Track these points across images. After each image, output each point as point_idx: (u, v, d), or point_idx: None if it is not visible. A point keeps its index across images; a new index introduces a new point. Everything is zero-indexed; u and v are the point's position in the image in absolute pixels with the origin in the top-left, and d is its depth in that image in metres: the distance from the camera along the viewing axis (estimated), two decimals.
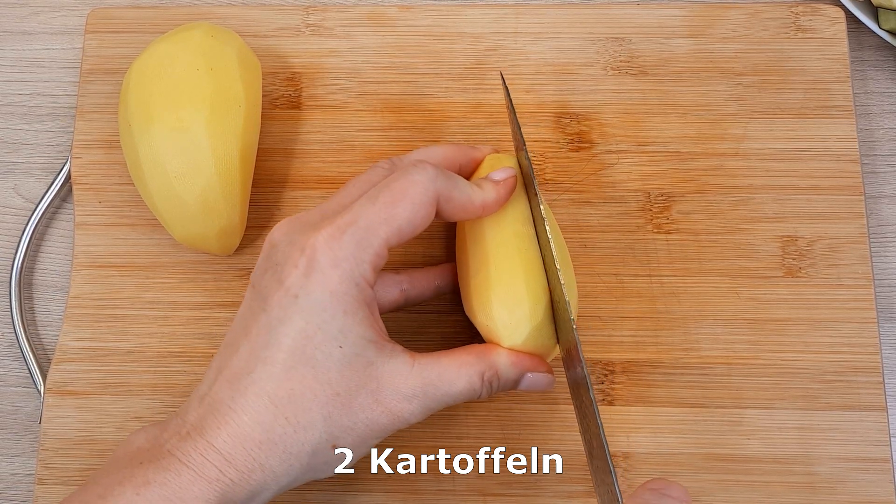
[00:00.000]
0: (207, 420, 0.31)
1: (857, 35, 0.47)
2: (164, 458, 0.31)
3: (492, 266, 0.35)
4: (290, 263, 0.32)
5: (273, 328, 0.31)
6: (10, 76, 0.48)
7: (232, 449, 0.31)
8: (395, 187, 0.32)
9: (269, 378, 0.31)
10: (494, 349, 0.35)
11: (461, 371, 0.33)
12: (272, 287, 0.32)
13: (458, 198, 0.34)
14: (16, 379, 0.44)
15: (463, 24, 0.45)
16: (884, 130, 0.46)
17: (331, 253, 0.31)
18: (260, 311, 0.32)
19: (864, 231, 0.42)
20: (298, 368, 0.31)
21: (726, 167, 0.43)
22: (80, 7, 0.49)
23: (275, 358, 0.31)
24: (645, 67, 0.44)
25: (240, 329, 0.33)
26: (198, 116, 0.39)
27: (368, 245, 0.32)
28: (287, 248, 0.32)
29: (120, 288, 0.43)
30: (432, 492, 0.40)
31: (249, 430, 0.31)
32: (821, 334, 0.41)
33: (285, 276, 0.32)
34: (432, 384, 0.33)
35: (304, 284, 0.31)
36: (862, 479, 0.39)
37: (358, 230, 0.32)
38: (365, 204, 0.32)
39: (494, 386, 0.34)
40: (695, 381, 0.40)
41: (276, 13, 0.46)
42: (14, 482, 0.43)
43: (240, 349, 0.32)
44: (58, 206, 0.46)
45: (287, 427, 0.31)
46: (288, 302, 0.31)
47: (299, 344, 0.31)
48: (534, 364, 0.35)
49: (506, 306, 0.34)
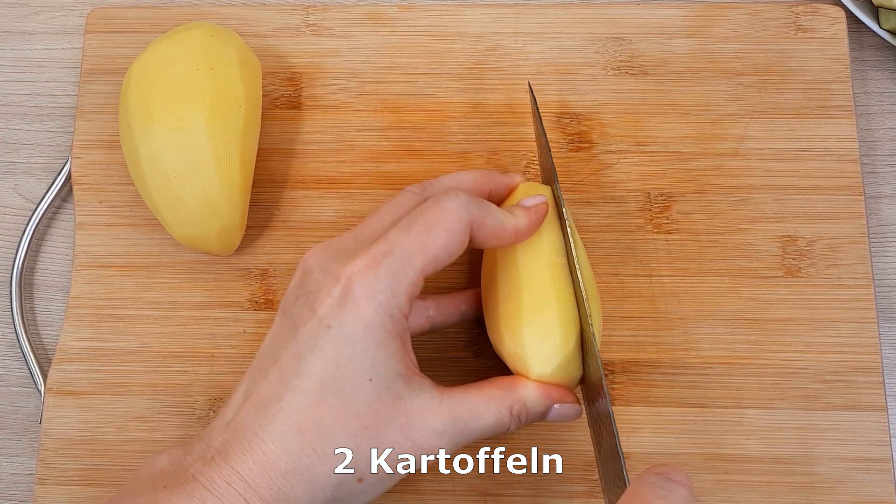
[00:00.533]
0: (233, 446, 0.31)
1: (858, 35, 0.47)
2: (188, 482, 0.30)
3: (524, 294, 0.35)
4: (323, 292, 0.32)
5: (303, 357, 0.31)
6: (10, 76, 0.48)
7: (257, 477, 0.30)
8: (428, 215, 0.32)
9: (297, 407, 0.31)
10: (522, 382, 0.34)
11: (490, 405, 0.33)
12: (304, 315, 0.32)
13: (491, 224, 0.33)
14: (16, 379, 0.44)
15: (463, 24, 0.45)
16: (884, 130, 0.46)
17: (367, 285, 0.31)
18: (290, 339, 0.32)
19: (864, 231, 0.42)
20: (328, 399, 0.31)
21: (726, 167, 0.43)
22: (80, 7, 0.49)
23: (304, 387, 0.31)
24: (645, 67, 0.44)
25: (269, 355, 0.32)
26: (198, 116, 0.39)
27: (405, 275, 0.31)
28: (321, 276, 0.32)
29: (120, 288, 0.43)
30: (432, 492, 0.40)
31: (275, 458, 0.30)
32: (821, 334, 0.41)
33: (318, 304, 0.31)
34: (462, 419, 0.32)
35: (338, 315, 0.31)
36: (862, 479, 0.39)
37: (394, 260, 0.31)
38: (399, 233, 0.32)
39: (523, 419, 0.34)
40: (695, 381, 0.40)
41: (276, 13, 0.46)
42: (14, 482, 0.43)
43: (269, 376, 0.32)
44: (58, 206, 0.46)
45: (314, 458, 0.30)
46: (320, 331, 0.31)
47: (329, 374, 0.31)
48: (561, 396, 0.35)
49: (537, 335, 0.34)
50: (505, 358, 0.36)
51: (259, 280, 0.43)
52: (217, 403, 0.41)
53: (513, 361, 0.35)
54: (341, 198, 0.43)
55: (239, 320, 0.42)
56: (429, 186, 0.36)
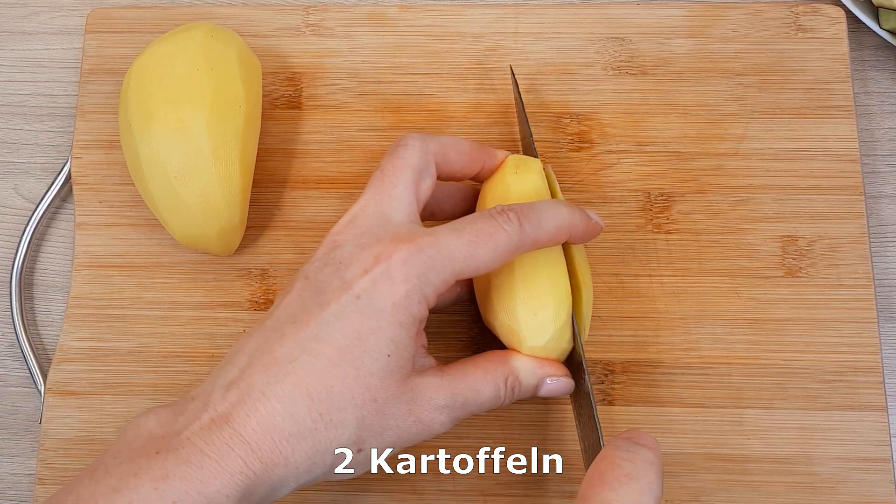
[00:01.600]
0: (237, 406, 0.30)
1: (858, 35, 0.47)
2: (183, 447, 0.29)
3: (516, 267, 0.35)
4: (358, 265, 0.32)
5: (327, 322, 0.31)
6: (10, 76, 0.48)
7: (260, 439, 0.30)
8: (482, 227, 0.33)
9: (311, 370, 0.31)
10: (514, 355, 0.35)
11: (486, 378, 0.34)
12: (332, 283, 0.32)
13: (545, 237, 0.34)
14: (16, 379, 0.44)
15: (463, 24, 0.45)
16: (884, 130, 0.46)
17: (405, 268, 0.32)
18: (313, 304, 0.32)
19: (864, 231, 0.42)
20: (343, 367, 0.31)
21: (726, 167, 0.43)
22: (80, 7, 0.49)
23: (321, 351, 0.31)
24: (645, 67, 0.44)
25: (286, 317, 0.32)
26: (198, 116, 0.39)
27: (441, 271, 0.32)
28: (356, 251, 0.33)
29: (120, 288, 0.43)
30: (432, 492, 0.40)
31: (280, 420, 0.30)
32: (821, 334, 0.41)
33: (351, 276, 0.32)
34: (461, 394, 0.33)
35: (370, 289, 0.31)
36: (862, 479, 0.39)
37: (437, 255, 0.32)
38: (449, 234, 0.32)
39: (516, 391, 0.35)
40: (695, 381, 0.40)
41: (276, 13, 0.46)
42: (14, 482, 0.43)
43: (285, 336, 0.31)
44: (58, 206, 0.46)
45: (319, 423, 0.30)
46: (348, 300, 0.31)
47: (350, 343, 0.31)
48: (553, 369, 0.35)
49: (530, 307, 0.35)
50: (498, 332, 0.36)
51: (259, 280, 0.43)
52: None
53: (506, 335, 0.36)
54: (341, 198, 0.43)
55: (239, 320, 0.42)
56: (428, 140, 0.36)
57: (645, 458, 0.30)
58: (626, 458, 0.30)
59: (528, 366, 0.35)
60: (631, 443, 0.31)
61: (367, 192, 0.35)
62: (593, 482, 0.30)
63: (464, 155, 0.37)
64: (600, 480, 0.30)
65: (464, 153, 0.37)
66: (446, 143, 0.37)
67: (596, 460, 0.31)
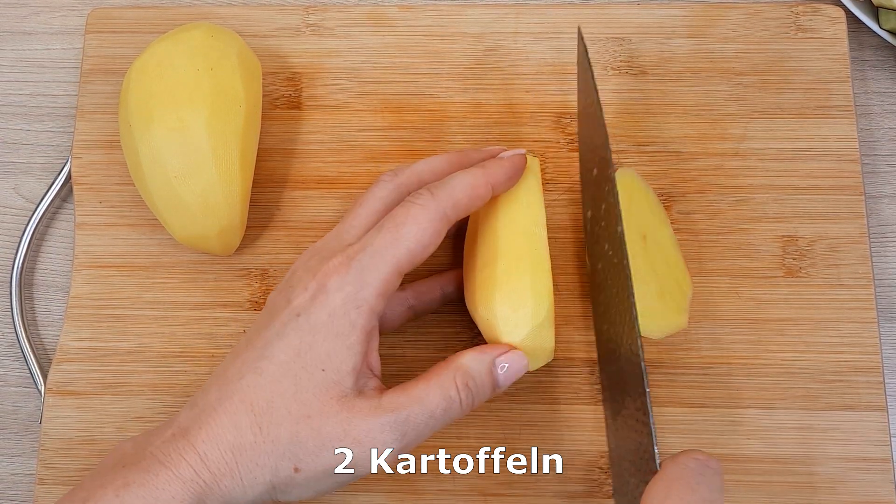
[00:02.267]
0: (193, 422, 0.32)
1: (858, 35, 0.47)
2: (145, 459, 0.32)
3: (499, 262, 0.35)
4: (301, 286, 0.33)
5: (270, 342, 0.33)
6: (10, 76, 0.48)
7: (208, 450, 0.32)
8: (398, 214, 0.33)
9: (255, 386, 0.32)
10: (459, 353, 0.34)
11: (431, 385, 0.33)
12: (280, 305, 0.34)
13: (464, 197, 0.34)
14: (16, 379, 0.44)
15: (463, 24, 0.45)
16: (884, 130, 0.46)
17: (337, 277, 0.33)
18: (264, 327, 0.34)
19: (864, 231, 0.42)
20: (283, 382, 0.32)
21: (726, 167, 0.43)
22: (80, 7, 0.49)
23: (264, 369, 0.32)
24: (645, 67, 0.44)
25: (244, 342, 0.34)
26: (198, 116, 0.39)
27: (375, 269, 0.33)
28: (302, 274, 0.34)
29: (120, 288, 0.43)
30: (432, 492, 0.40)
31: (225, 431, 0.32)
32: (821, 334, 0.41)
33: (294, 296, 0.33)
34: (404, 409, 0.32)
35: (308, 305, 0.33)
36: (862, 479, 0.39)
37: (365, 256, 0.33)
38: (373, 233, 0.34)
39: (472, 387, 0.33)
40: (695, 381, 0.40)
41: (276, 13, 0.46)
42: (14, 482, 0.43)
43: (237, 358, 0.34)
44: (58, 206, 0.46)
45: (258, 436, 0.32)
46: (289, 319, 0.33)
47: (289, 359, 0.32)
48: (499, 349, 0.34)
49: (509, 303, 0.35)
50: (479, 325, 0.36)
51: (259, 280, 0.43)
52: None
53: (485, 329, 0.36)
54: (341, 198, 0.43)
55: (239, 320, 0.42)
56: (400, 171, 0.37)
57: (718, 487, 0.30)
58: (702, 483, 0.29)
59: (472, 356, 0.34)
60: (704, 465, 0.30)
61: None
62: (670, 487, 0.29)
63: (437, 173, 0.37)
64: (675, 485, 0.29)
65: (436, 171, 0.37)
66: (417, 168, 0.37)
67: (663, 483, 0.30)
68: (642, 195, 0.41)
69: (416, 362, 0.41)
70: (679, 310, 0.39)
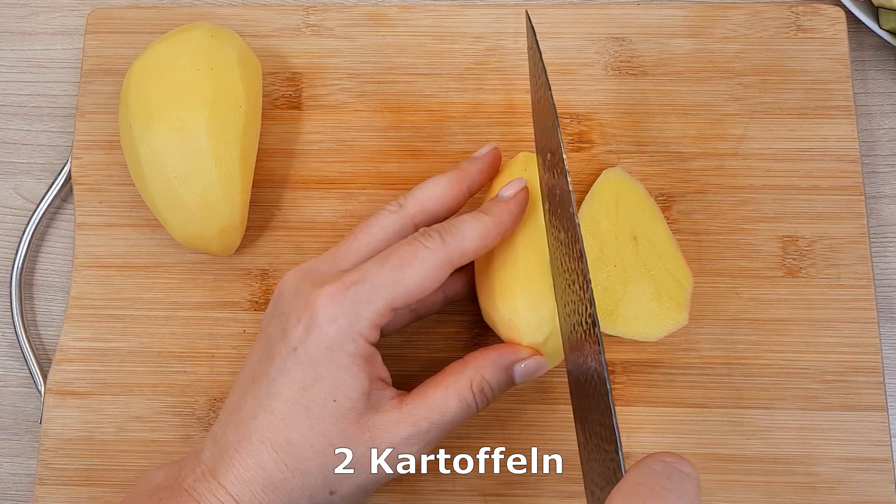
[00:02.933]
0: (218, 462, 0.33)
1: (858, 35, 0.47)
2: (181, 496, 0.32)
3: (520, 262, 0.35)
4: (293, 315, 0.33)
5: (274, 379, 0.33)
6: (10, 76, 0.48)
7: (240, 491, 0.32)
8: (404, 252, 0.33)
9: (269, 426, 0.32)
10: (473, 357, 0.35)
11: (449, 392, 0.34)
12: (276, 336, 0.33)
13: (473, 245, 0.34)
14: (16, 379, 0.44)
15: (463, 24, 0.45)
16: (884, 130, 0.46)
17: (330, 309, 0.32)
18: (265, 360, 0.34)
19: (864, 231, 0.42)
20: (295, 418, 0.32)
21: (726, 167, 0.43)
22: (80, 7, 0.49)
23: (274, 407, 0.32)
24: (645, 67, 0.44)
25: (248, 375, 0.34)
26: (198, 116, 0.39)
27: (369, 304, 0.32)
28: (293, 299, 0.33)
29: (120, 288, 0.43)
30: (432, 492, 0.40)
31: (253, 473, 0.32)
32: (821, 334, 0.41)
33: (289, 327, 0.33)
34: (426, 419, 0.33)
35: (303, 339, 0.32)
36: (862, 479, 0.39)
37: (362, 289, 0.32)
38: (374, 265, 0.33)
39: (487, 391, 0.34)
40: (695, 381, 0.40)
41: (276, 13, 0.46)
42: (14, 482, 0.43)
43: (247, 395, 0.33)
44: (58, 207, 0.46)
45: (286, 473, 0.32)
46: (287, 353, 0.33)
47: (296, 395, 0.32)
48: (514, 353, 0.35)
49: (531, 303, 0.35)
50: (498, 326, 0.36)
51: (259, 280, 0.43)
52: (217, 403, 0.41)
53: (506, 329, 0.36)
54: (341, 198, 0.43)
55: (239, 320, 0.42)
56: (405, 202, 0.36)
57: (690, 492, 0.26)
58: (668, 489, 0.25)
59: (488, 360, 0.34)
60: (673, 468, 0.26)
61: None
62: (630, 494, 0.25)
63: (440, 198, 0.36)
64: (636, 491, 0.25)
65: (439, 197, 0.36)
66: (421, 197, 0.36)
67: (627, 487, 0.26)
68: (631, 194, 0.40)
69: (416, 362, 0.41)
70: (678, 307, 0.39)
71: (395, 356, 0.41)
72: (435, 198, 0.36)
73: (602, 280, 0.39)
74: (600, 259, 0.39)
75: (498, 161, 0.38)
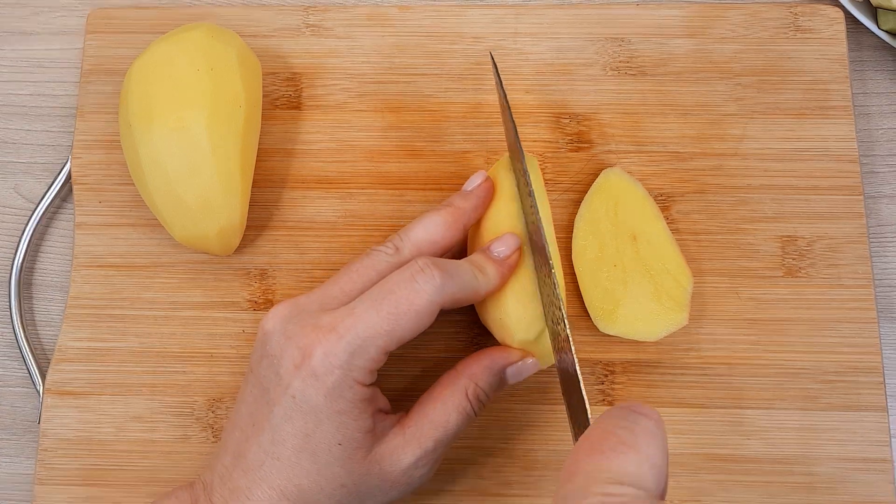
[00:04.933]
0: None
1: (857, 35, 0.47)
2: None
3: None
4: (287, 359, 0.33)
5: (277, 426, 0.33)
6: (10, 76, 0.48)
7: None
8: (400, 297, 0.32)
9: (278, 473, 0.32)
10: (465, 365, 0.35)
11: (447, 407, 0.34)
12: (271, 380, 0.33)
13: (463, 296, 0.34)
14: (15, 379, 0.44)
15: (463, 24, 0.45)
16: (883, 131, 0.46)
17: (326, 360, 0.32)
18: (264, 405, 0.33)
19: (863, 231, 0.42)
20: (303, 464, 0.32)
21: (726, 167, 0.43)
22: (80, 7, 0.49)
23: (281, 453, 0.33)
24: (644, 68, 0.44)
25: (247, 418, 0.34)
26: (198, 116, 0.39)
27: (364, 353, 0.32)
28: (283, 342, 0.33)
29: (120, 288, 0.43)
30: (432, 491, 0.40)
31: None
32: (821, 334, 0.41)
33: (284, 372, 0.33)
34: (430, 438, 0.34)
35: (301, 387, 0.32)
36: (862, 479, 0.39)
37: (357, 338, 0.32)
38: (368, 309, 0.32)
39: (483, 398, 0.35)
40: (695, 381, 0.40)
41: (276, 13, 0.46)
42: (14, 482, 0.42)
43: (250, 440, 0.33)
44: (58, 206, 0.46)
45: None
46: (287, 401, 0.32)
47: (301, 441, 0.32)
48: (505, 357, 0.35)
49: (521, 302, 0.35)
50: (490, 327, 0.37)
51: (258, 280, 0.42)
52: (216, 404, 0.41)
53: (497, 329, 0.36)
54: (341, 198, 0.43)
55: (238, 320, 0.42)
56: (401, 245, 0.35)
57: (645, 428, 0.25)
58: (622, 427, 0.25)
59: (480, 367, 0.35)
60: (629, 411, 0.26)
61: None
62: (582, 452, 0.25)
63: (437, 242, 0.36)
64: (590, 449, 0.24)
65: (437, 241, 0.36)
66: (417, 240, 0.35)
67: (587, 431, 0.26)
68: (630, 194, 0.41)
69: (417, 362, 0.41)
70: (678, 307, 0.39)
71: (396, 357, 0.41)
72: (431, 241, 0.35)
73: (602, 280, 0.39)
74: (600, 259, 0.39)
75: (491, 193, 0.37)
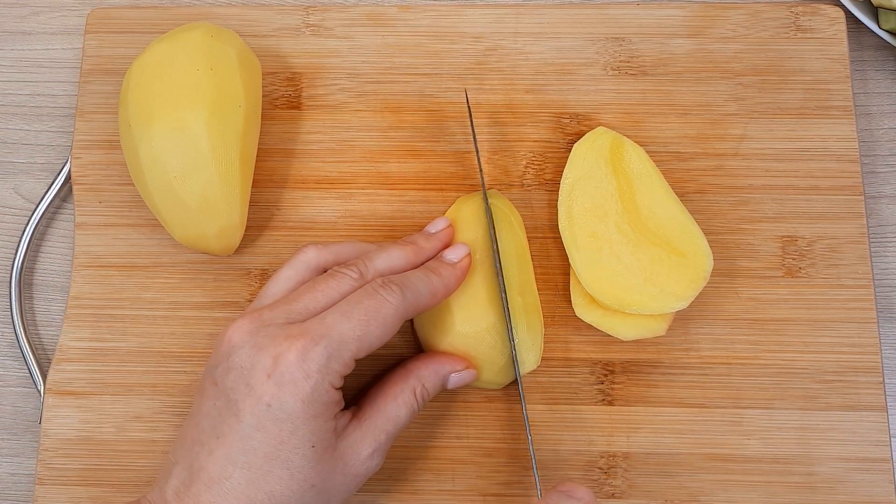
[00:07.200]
0: None
1: (857, 35, 0.47)
2: None
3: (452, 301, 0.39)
4: (259, 369, 0.33)
5: (248, 436, 0.33)
6: (10, 76, 0.48)
7: None
8: (369, 305, 0.34)
9: (248, 483, 0.32)
10: (414, 366, 0.37)
11: (398, 402, 0.36)
12: (240, 391, 0.33)
13: (425, 303, 0.36)
14: (16, 379, 0.44)
15: (463, 24, 0.45)
16: (883, 130, 0.46)
17: (304, 365, 0.33)
18: (231, 416, 0.33)
19: (863, 231, 0.42)
20: (275, 471, 0.33)
21: (726, 167, 0.43)
22: (80, 7, 0.49)
23: (252, 463, 0.33)
24: (645, 67, 0.44)
25: (209, 429, 0.33)
26: (198, 116, 0.39)
27: (339, 357, 0.33)
28: (254, 353, 0.33)
29: (120, 288, 0.43)
30: (432, 492, 0.40)
31: None
32: (821, 334, 0.41)
33: (256, 382, 0.33)
34: (383, 430, 0.35)
35: (277, 394, 0.32)
36: (862, 479, 0.39)
37: (331, 343, 0.33)
38: (338, 318, 0.34)
39: (426, 397, 0.37)
40: (695, 381, 0.40)
41: (276, 13, 0.46)
42: (14, 482, 0.43)
43: (214, 452, 0.33)
44: (58, 206, 0.46)
45: None
46: (261, 410, 0.33)
47: (274, 449, 0.33)
48: (452, 364, 0.37)
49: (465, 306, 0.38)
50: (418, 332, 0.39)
51: (259, 280, 0.43)
52: None
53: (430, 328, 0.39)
54: (341, 198, 0.43)
55: None
56: (366, 271, 0.36)
57: None
58: None
59: (430, 371, 0.37)
60: (566, 496, 0.32)
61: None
62: None
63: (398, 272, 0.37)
64: None
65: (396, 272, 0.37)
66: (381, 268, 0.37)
67: None
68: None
69: None
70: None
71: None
72: (392, 272, 0.37)
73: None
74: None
75: (451, 237, 0.40)
